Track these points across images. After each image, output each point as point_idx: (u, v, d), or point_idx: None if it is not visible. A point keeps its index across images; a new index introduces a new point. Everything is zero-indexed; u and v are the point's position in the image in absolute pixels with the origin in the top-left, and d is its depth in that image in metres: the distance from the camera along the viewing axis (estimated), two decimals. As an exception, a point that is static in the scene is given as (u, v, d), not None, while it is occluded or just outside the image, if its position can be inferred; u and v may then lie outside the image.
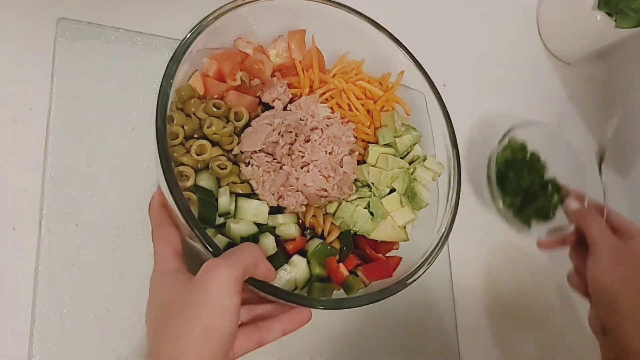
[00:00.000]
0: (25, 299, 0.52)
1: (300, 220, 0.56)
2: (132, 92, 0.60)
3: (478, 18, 0.88)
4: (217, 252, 0.45)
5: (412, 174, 0.60)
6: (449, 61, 0.60)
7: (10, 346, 0.50)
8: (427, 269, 0.53)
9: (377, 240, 0.58)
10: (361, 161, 0.60)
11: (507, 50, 0.89)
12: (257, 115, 0.56)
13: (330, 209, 0.57)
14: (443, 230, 0.56)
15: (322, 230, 0.56)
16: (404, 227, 0.58)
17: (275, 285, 0.48)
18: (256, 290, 0.46)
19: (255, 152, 0.53)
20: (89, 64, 0.59)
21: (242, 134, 0.54)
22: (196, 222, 0.45)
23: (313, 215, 0.56)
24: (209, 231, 0.51)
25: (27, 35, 0.58)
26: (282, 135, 0.54)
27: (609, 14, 0.81)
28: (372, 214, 0.57)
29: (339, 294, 0.55)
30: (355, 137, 0.59)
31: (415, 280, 0.53)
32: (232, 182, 0.53)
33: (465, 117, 0.80)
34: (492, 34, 0.89)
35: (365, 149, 0.60)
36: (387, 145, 0.60)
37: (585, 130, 0.91)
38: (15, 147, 0.55)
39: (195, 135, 0.54)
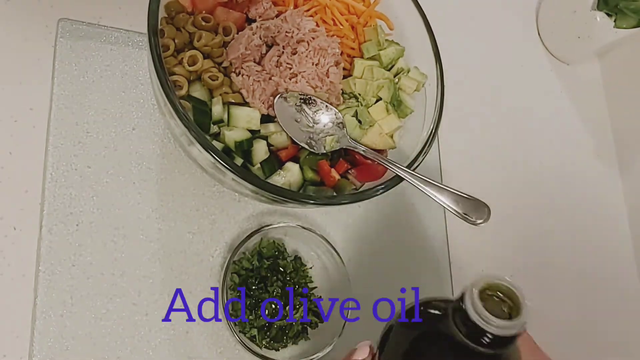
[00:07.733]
0: (26, 299, 0.52)
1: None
2: (132, 93, 0.61)
3: (477, 18, 0.88)
4: (215, 152, 0.46)
5: (396, 83, 0.62)
6: (447, 62, 0.60)
7: (10, 346, 0.51)
8: (418, 165, 0.55)
9: (366, 149, 0.60)
10: (347, 76, 0.61)
11: (506, 51, 0.89)
12: (245, 31, 0.57)
13: (320, 119, 0.58)
14: (431, 126, 0.58)
15: (313, 139, 0.58)
16: (392, 136, 0.60)
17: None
18: (250, 185, 0.48)
19: (245, 61, 0.55)
20: (89, 64, 0.60)
21: (228, 46, 0.56)
22: (193, 125, 0.46)
23: (303, 126, 0.58)
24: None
25: (28, 35, 0.59)
26: (265, 41, 0.56)
27: (608, 14, 0.81)
28: (360, 122, 0.59)
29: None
30: (341, 53, 0.61)
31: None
32: (224, 93, 0.54)
33: (463, 118, 0.80)
34: (491, 34, 0.89)
35: (351, 64, 0.62)
36: (371, 58, 0.62)
37: (583, 131, 0.91)
38: (15, 147, 0.55)
39: (186, 50, 0.55)
